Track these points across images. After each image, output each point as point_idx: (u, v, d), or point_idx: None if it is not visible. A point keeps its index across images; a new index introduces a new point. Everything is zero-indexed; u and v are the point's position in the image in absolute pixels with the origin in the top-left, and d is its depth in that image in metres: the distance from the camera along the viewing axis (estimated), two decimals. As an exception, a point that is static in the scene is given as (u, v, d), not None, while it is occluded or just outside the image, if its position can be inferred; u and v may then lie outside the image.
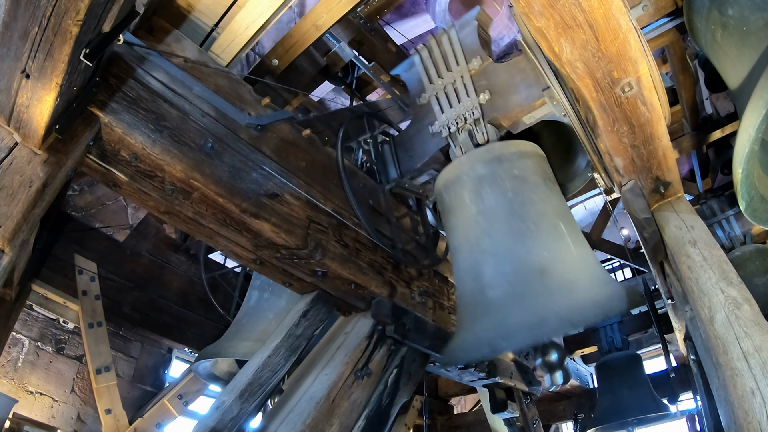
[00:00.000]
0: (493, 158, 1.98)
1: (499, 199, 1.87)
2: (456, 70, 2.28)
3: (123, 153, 1.72)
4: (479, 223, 1.87)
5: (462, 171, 2.04)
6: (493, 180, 1.92)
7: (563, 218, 1.88)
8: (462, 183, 2.00)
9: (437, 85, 2.34)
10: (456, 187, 2.02)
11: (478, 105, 2.21)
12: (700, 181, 3.68)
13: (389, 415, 2.38)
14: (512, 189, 1.89)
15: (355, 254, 2.36)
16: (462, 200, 1.97)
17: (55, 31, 1.20)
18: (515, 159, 1.98)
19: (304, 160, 2.29)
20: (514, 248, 1.77)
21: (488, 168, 1.96)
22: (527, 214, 1.83)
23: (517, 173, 1.93)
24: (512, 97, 2.17)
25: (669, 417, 3.37)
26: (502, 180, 1.91)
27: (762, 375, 1.24)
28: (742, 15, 1.76)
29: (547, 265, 1.71)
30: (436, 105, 2.34)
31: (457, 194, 2.00)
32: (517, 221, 1.81)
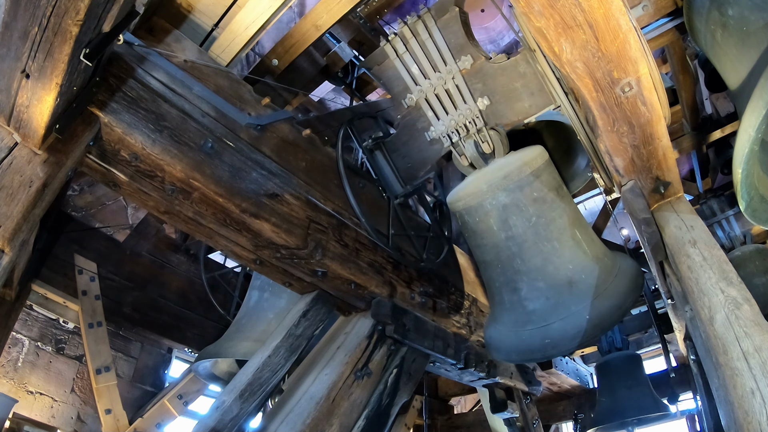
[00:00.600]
0: (513, 186, 2.08)
1: (524, 226, 2.09)
2: (445, 71, 2.14)
3: (123, 153, 1.72)
4: (510, 248, 2.13)
5: (484, 199, 2.12)
6: (516, 208, 2.09)
7: (577, 225, 2.15)
8: (486, 211, 2.13)
9: (425, 87, 2.20)
10: (480, 214, 2.16)
11: (478, 113, 2.16)
12: (700, 181, 3.67)
13: (389, 415, 2.38)
14: (535, 213, 2.08)
15: (355, 254, 2.36)
16: (489, 227, 2.15)
17: (55, 31, 1.20)
18: (533, 181, 2.08)
19: (304, 160, 2.29)
20: (544, 267, 2.08)
21: (510, 196, 2.08)
22: (551, 234, 2.09)
23: (536, 195, 2.08)
24: (515, 104, 2.13)
25: (669, 417, 3.37)
26: (524, 206, 2.08)
27: (762, 375, 1.24)
28: (742, 15, 1.76)
29: (572, 276, 2.05)
30: (429, 110, 2.25)
31: (483, 221, 2.16)
32: (543, 242, 2.08)
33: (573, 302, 2.02)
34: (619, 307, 1.99)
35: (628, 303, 2.02)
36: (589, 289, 2.03)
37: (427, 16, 2.12)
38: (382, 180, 2.56)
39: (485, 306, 3.18)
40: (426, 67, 2.19)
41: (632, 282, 2.08)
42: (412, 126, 2.41)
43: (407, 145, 2.49)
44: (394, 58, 2.22)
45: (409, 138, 2.46)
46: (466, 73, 2.15)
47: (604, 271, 2.08)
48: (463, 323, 2.93)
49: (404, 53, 2.19)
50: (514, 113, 2.15)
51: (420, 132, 2.39)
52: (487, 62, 2.13)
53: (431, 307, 2.72)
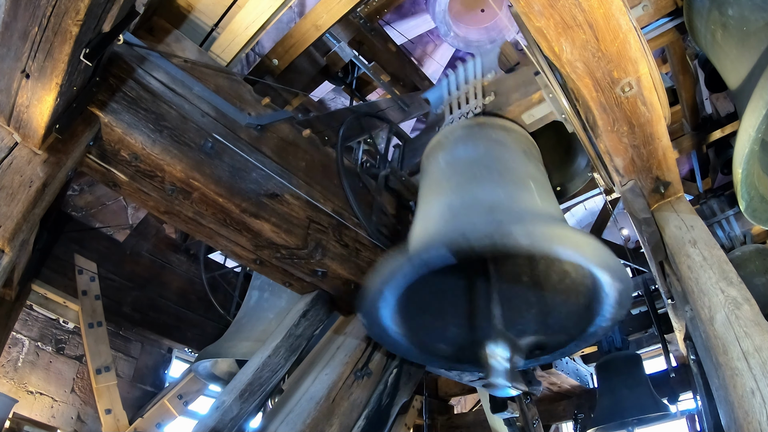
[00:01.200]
0: (475, 123, 2.01)
1: (468, 152, 1.78)
2: (471, 83, 2.41)
3: (123, 153, 1.72)
4: (444, 173, 1.75)
5: (443, 135, 2.06)
6: (468, 138, 1.88)
7: (536, 181, 1.72)
8: (440, 145, 1.99)
9: (453, 96, 2.44)
10: (434, 151, 1.98)
11: (481, 104, 2.26)
12: (700, 181, 3.67)
13: (389, 415, 2.38)
14: (485, 146, 1.83)
15: (355, 254, 2.36)
16: (436, 160, 1.89)
17: (55, 31, 1.20)
18: (497, 128, 1.99)
19: (304, 160, 2.29)
20: (469, 187, 1.62)
21: (467, 130, 1.97)
22: (493, 165, 1.70)
23: (495, 137, 1.89)
24: (512, 95, 2.22)
25: (669, 417, 3.37)
26: (477, 138, 1.88)
27: (762, 375, 1.24)
28: (742, 15, 1.76)
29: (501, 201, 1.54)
30: (448, 111, 2.42)
31: (434, 156, 1.94)
32: (481, 168, 1.68)
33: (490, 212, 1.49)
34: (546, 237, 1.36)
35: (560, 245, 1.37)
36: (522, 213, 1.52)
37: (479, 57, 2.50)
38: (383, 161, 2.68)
39: (485, 306, 3.18)
40: (461, 83, 2.47)
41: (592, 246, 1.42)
42: (432, 130, 2.60)
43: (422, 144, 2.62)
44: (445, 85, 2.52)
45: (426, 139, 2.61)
46: (486, 84, 2.38)
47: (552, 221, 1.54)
48: (463, 323, 2.93)
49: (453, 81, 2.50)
50: (511, 101, 2.21)
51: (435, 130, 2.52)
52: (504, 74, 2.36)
53: (431, 307, 2.72)
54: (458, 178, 1.71)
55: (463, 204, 1.55)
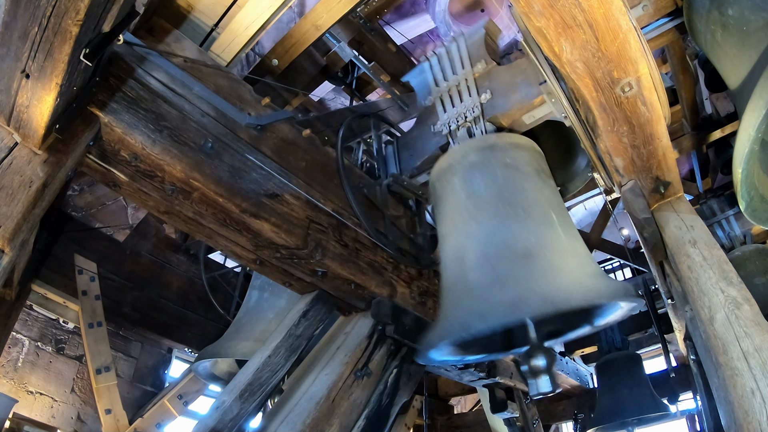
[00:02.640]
0: (486, 146, 1.99)
1: (488, 185, 1.84)
2: (461, 74, 2.33)
3: (123, 153, 1.72)
4: (467, 209, 1.83)
5: (454, 159, 2.03)
6: (484, 166, 1.90)
7: (555, 209, 1.81)
8: (453, 170, 1.98)
9: (442, 88, 2.38)
10: (447, 175, 2.00)
11: (478, 104, 2.23)
12: (700, 181, 3.68)
13: (389, 415, 2.38)
14: (503, 176, 1.85)
15: (355, 254, 2.36)
16: (452, 187, 1.93)
17: (55, 31, 1.20)
18: (508, 148, 1.98)
19: (304, 160, 2.29)
20: (499, 232, 1.70)
21: (480, 155, 1.95)
22: (516, 199, 1.78)
23: (509, 162, 1.91)
24: (512, 95, 2.19)
25: (669, 417, 3.37)
26: (493, 167, 1.89)
27: (762, 375, 1.24)
28: (742, 15, 1.76)
29: (533, 249, 1.62)
30: (440, 106, 2.38)
31: (448, 181, 1.97)
32: (506, 206, 1.75)
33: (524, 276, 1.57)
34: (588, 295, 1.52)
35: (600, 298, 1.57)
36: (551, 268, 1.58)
37: (461, 38, 2.38)
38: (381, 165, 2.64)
39: (485, 306, 3.18)
40: (447, 72, 2.39)
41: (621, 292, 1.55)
42: (423, 123, 2.53)
43: (415, 140, 2.59)
44: (428, 70, 2.45)
45: (419, 134, 2.58)
46: (478, 76, 2.31)
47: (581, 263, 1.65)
48: (463, 323, 2.93)
49: (437, 65, 2.43)
50: (511, 103, 2.19)
51: (428, 127, 2.48)
52: (497, 66, 2.28)
53: (431, 307, 2.72)
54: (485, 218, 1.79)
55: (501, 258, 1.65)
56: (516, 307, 1.48)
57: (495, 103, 2.23)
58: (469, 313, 1.56)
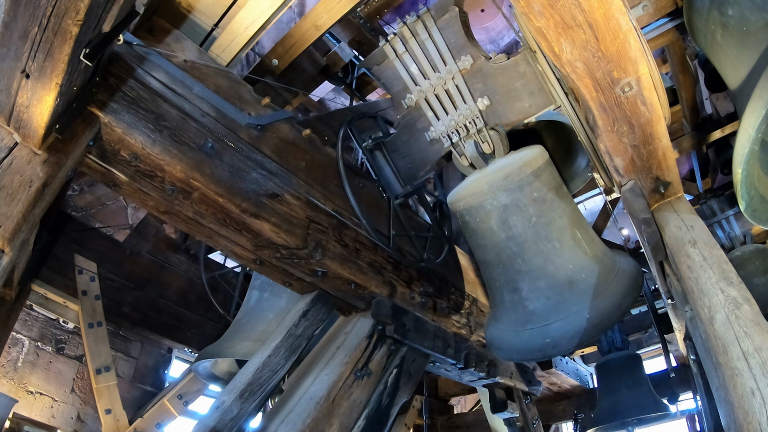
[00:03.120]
0: (514, 187, 2.07)
1: (524, 226, 2.09)
2: (445, 71, 2.14)
3: (123, 153, 1.72)
4: (510, 248, 2.14)
5: (485, 199, 2.12)
6: (516, 208, 2.09)
7: (577, 225, 2.16)
8: (487, 211, 2.13)
9: (425, 87, 2.20)
10: (481, 215, 2.16)
11: (478, 113, 2.16)
12: (700, 181, 3.67)
13: (389, 415, 2.38)
14: (535, 213, 2.08)
15: (355, 254, 2.36)
16: (490, 227, 2.15)
17: (55, 31, 1.20)
18: (533, 181, 2.08)
19: (304, 160, 2.29)
20: (545, 267, 2.09)
21: (511, 197, 2.08)
22: (551, 234, 2.09)
23: (537, 195, 2.08)
24: (515, 104, 2.12)
25: (669, 417, 3.37)
26: (524, 207, 2.08)
27: (762, 375, 1.24)
28: (742, 15, 1.76)
29: (572, 276, 2.06)
30: (429, 110, 2.25)
31: (483, 221, 2.16)
32: (544, 242, 2.09)
33: (573, 302, 2.03)
34: (618, 306, 2.00)
35: (627, 302, 2.02)
36: (589, 288, 2.04)
37: (427, 16, 2.11)
38: (382, 180, 2.56)
39: (485, 306, 3.18)
40: (425, 68, 2.18)
41: (632, 281, 2.09)
42: (412, 126, 2.41)
43: (407, 145, 2.48)
44: (393, 58, 2.21)
45: (409, 138, 2.45)
46: (466, 73, 2.14)
47: (604, 270, 2.09)
48: (463, 323, 2.93)
49: (403, 53, 2.19)
50: (514, 113, 2.14)
51: (420, 132, 2.39)
52: (487, 62, 2.12)
53: (431, 307, 2.72)
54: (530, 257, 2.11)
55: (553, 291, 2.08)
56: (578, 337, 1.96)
57: (496, 111, 2.16)
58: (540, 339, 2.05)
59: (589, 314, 1.97)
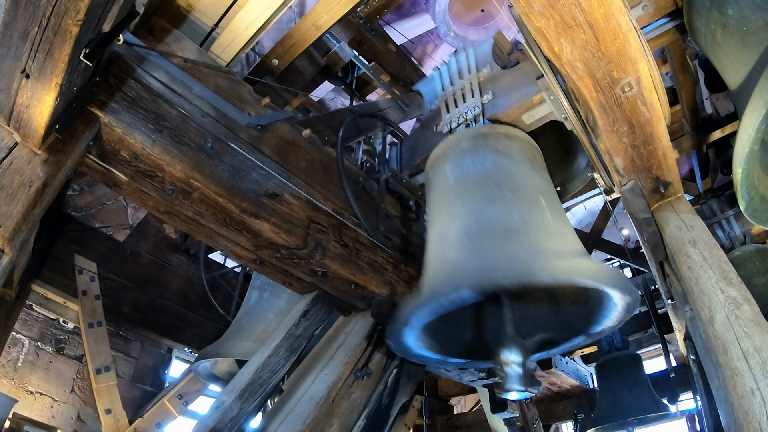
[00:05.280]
0: (478, 134, 2.02)
1: (477, 167, 1.83)
2: (466, 78, 2.40)
3: (123, 153, 1.72)
4: (454, 190, 1.82)
5: (447, 146, 2.08)
6: (474, 151, 1.91)
7: (545, 195, 1.79)
8: (445, 156, 2.02)
9: (447, 92, 2.45)
10: (440, 161, 2.03)
11: (480, 104, 2.27)
12: (700, 181, 3.67)
13: (389, 415, 2.38)
14: (493, 161, 1.86)
15: (355, 254, 2.36)
16: (443, 172, 1.95)
17: (55, 31, 1.20)
18: (501, 137, 2.00)
19: (304, 160, 2.29)
20: (483, 210, 1.68)
21: (472, 141, 1.98)
22: (504, 181, 1.76)
23: (501, 149, 1.92)
24: (512, 95, 2.22)
25: (669, 417, 3.37)
26: (483, 151, 1.91)
27: (762, 375, 1.24)
28: (742, 15, 1.76)
29: (516, 226, 1.59)
30: (444, 108, 2.43)
31: (440, 168, 1.99)
32: (492, 187, 1.74)
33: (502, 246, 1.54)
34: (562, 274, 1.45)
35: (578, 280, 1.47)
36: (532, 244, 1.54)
37: (471, 48, 2.48)
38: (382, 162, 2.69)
39: (485, 306, 3.18)
40: (455, 78, 2.47)
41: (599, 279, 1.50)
42: (428, 125, 2.58)
43: (418, 141, 2.64)
44: (437, 78, 2.55)
45: (421, 136, 2.64)
46: (483, 80, 2.38)
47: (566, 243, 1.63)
48: (463, 323, 2.93)
49: (446, 73, 2.52)
50: (511, 102, 2.21)
51: (431, 129, 2.52)
52: (501, 70, 2.35)
53: (431, 307, 2.72)
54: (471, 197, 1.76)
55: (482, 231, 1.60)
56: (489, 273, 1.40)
57: (496, 103, 2.25)
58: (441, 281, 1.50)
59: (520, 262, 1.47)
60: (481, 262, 1.49)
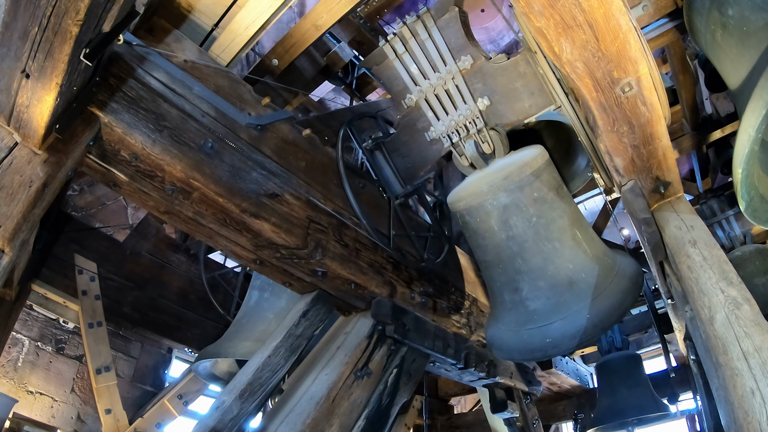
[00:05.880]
0: (514, 187, 2.07)
1: (525, 226, 2.09)
2: (445, 71, 2.14)
3: (123, 153, 1.72)
4: (511, 248, 2.14)
5: (485, 200, 2.12)
6: (517, 208, 2.09)
7: (577, 224, 2.15)
8: (487, 212, 2.13)
9: (425, 87, 2.20)
10: (481, 215, 2.16)
11: (478, 113, 2.16)
12: (700, 181, 3.67)
13: (389, 415, 2.38)
14: (535, 213, 2.08)
15: (355, 254, 2.36)
16: (490, 227, 2.15)
17: (55, 31, 1.20)
18: (533, 181, 2.07)
19: (304, 160, 2.29)
20: (545, 267, 2.09)
21: (511, 197, 2.08)
22: (551, 234, 2.09)
23: (537, 195, 2.08)
24: (515, 104, 2.12)
25: (669, 417, 3.37)
26: (525, 207, 2.08)
27: (762, 375, 1.24)
28: (742, 15, 1.76)
29: (573, 276, 2.06)
30: (429, 110, 2.25)
31: (484, 221, 2.16)
32: (544, 242, 2.09)
33: (573, 302, 2.03)
34: (619, 305, 2.00)
35: (627, 302, 2.02)
36: (589, 288, 2.04)
37: (427, 16, 2.11)
38: (382, 180, 2.55)
39: (485, 306, 3.18)
40: (425, 68, 2.18)
41: (631, 281, 2.09)
42: (412, 126, 2.41)
43: (407, 145, 2.48)
44: (393, 58, 2.22)
45: (408, 138, 2.45)
46: (466, 73, 2.14)
47: (603, 270, 2.09)
48: (463, 323, 2.93)
49: (403, 53, 2.19)
50: (514, 113, 2.15)
51: (420, 132, 2.39)
52: (487, 62, 2.12)
53: (431, 307, 2.72)
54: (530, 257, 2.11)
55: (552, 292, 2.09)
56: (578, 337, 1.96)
57: (496, 111, 2.16)
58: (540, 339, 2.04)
59: (590, 314, 1.97)
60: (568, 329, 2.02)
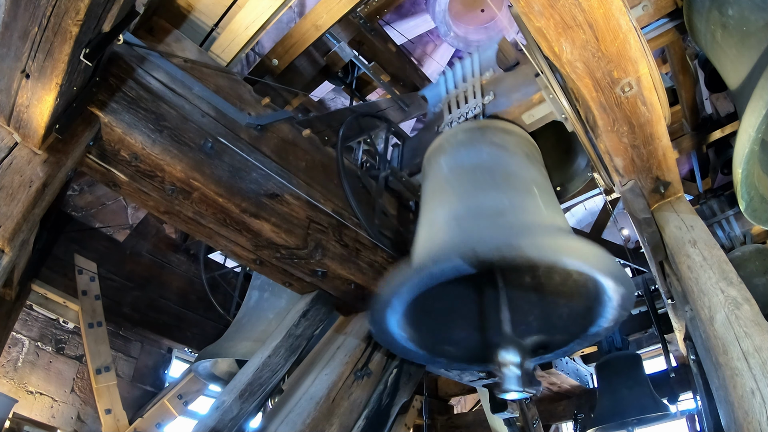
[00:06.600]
0: (475, 127, 2.03)
1: (471, 158, 1.80)
2: (470, 81, 2.42)
3: (123, 153, 1.72)
4: (448, 180, 1.77)
5: (444, 139, 2.09)
6: (470, 143, 1.91)
7: (539, 187, 1.74)
8: (441, 148, 2.03)
9: (451, 94, 2.47)
10: (435, 154, 2.03)
11: (480, 104, 2.27)
12: (700, 181, 3.67)
13: (389, 415, 2.38)
14: (488, 152, 1.84)
15: (355, 254, 2.36)
16: (438, 164, 1.93)
17: (55, 31, 1.20)
18: (497, 131, 2.01)
19: (304, 160, 2.29)
20: (474, 194, 1.65)
21: (468, 134, 2.00)
22: (497, 171, 1.73)
23: (496, 141, 1.92)
24: (512, 95, 2.22)
25: (669, 417, 3.37)
26: (479, 143, 1.90)
27: (762, 375, 1.24)
28: (742, 15, 1.76)
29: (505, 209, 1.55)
30: (446, 109, 2.44)
31: (435, 160, 1.98)
32: (484, 173, 1.71)
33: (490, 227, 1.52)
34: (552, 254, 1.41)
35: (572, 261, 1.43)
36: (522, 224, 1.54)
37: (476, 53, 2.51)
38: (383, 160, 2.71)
39: (485, 306, 3.18)
40: (459, 82, 2.49)
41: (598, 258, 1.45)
42: (430, 129, 2.60)
43: (421, 143, 2.64)
44: (442, 83, 2.54)
45: (424, 137, 2.66)
46: (485, 83, 2.38)
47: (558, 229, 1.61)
48: (463, 323, 2.93)
49: (451, 79, 2.52)
50: (511, 101, 2.21)
51: (433, 129, 2.53)
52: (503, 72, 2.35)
53: (431, 307, 2.72)
54: (462, 184, 1.73)
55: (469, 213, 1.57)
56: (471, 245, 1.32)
57: (496, 103, 2.25)
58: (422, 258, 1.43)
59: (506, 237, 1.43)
60: (463, 238, 1.44)
